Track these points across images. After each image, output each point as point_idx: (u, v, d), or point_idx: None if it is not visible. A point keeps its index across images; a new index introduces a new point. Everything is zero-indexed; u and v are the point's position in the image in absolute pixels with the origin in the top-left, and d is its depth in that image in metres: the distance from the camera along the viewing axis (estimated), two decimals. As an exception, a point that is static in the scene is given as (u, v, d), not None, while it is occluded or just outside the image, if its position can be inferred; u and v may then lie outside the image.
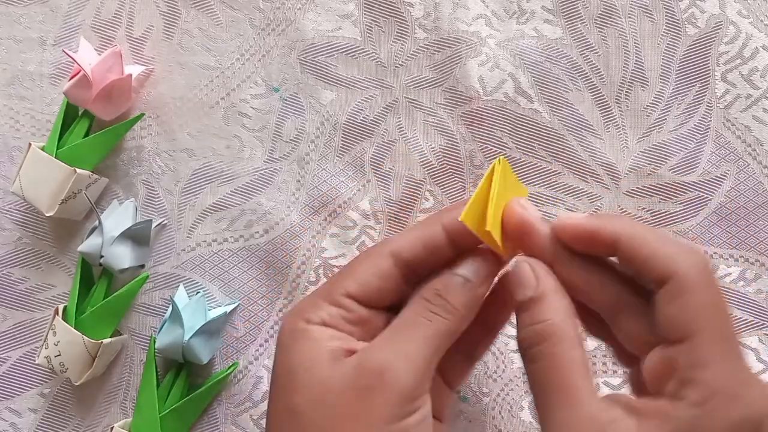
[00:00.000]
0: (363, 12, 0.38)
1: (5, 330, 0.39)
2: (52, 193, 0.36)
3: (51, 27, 0.39)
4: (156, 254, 0.39)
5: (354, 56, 0.38)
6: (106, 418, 0.38)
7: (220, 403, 0.38)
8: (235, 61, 0.39)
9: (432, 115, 0.38)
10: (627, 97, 0.37)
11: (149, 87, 0.39)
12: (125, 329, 0.39)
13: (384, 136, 0.38)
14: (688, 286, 0.24)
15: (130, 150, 0.39)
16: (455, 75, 0.38)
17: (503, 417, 0.37)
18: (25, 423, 0.39)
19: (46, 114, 0.39)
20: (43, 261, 0.39)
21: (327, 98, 0.38)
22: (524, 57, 0.38)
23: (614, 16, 0.37)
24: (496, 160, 0.28)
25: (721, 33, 0.37)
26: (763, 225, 0.37)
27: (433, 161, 0.38)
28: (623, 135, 0.37)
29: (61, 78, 0.39)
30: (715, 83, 0.37)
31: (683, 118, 0.37)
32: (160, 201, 0.39)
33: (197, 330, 0.36)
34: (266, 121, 0.38)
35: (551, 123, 0.37)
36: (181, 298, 0.37)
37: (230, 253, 0.38)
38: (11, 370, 0.39)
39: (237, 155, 0.38)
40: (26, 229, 0.39)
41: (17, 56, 0.39)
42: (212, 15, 0.39)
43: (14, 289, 0.39)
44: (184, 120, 0.39)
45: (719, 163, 0.37)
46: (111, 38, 0.39)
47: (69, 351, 0.36)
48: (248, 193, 0.38)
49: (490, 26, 0.38)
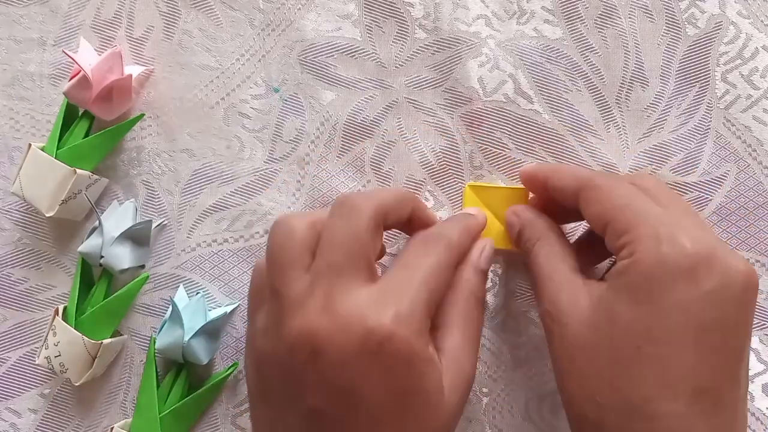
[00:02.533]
0: (363, 12, 0.38)
1: (5, 330, 0.39)
2: (52, 193, 0.36)
3: (51, 27, 0.39)
4: (156, 255, 0.39)
5: (354, 56, 0.38)
6: (106, 419, 0.38)
7: (220, 404, 0.38)
8: (235, 61, 0.39)
9: (432, 116, 0.38)
10: (627, 97, 0.37)
11: (149, 87, 0.39)
12: (125, 330, 0.39)
13: (384, 137, 0.38)
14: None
15: (130, 150, 0.39)
16: (455, 75, 0.38)
17: (503, 417, 0.37)
18: (25, 423, 0.39)
19: (46, 114, 0.39)
20: (43, 261, 0.39)
21: (327, 98, 0.38)
22: (524, 57, 0.38)
23: (614, 17, 0.37)
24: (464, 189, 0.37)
25: (721, 33, 0.37)
26: (763, 225, 0.37)
27: (433, 162, 0.38)
28: (623, 135, 0.37)
29: (61, 78, 0.39)
30: (715, 83, 0.37)
31: (683, 119, 0.37)
32: (160, 201, 0.39)
33: (197, 330, 0.36)
34: (266, 122, 0.38)
35: (551, 124, 0.37)
36: (181, 299, 0.38)
37: (230, 254, 0.38)
38: (11, 370, 0.39)
39: (237, 155, 0.38)
40: (26, 229, 0.39)
41: (17, 57, 0.39)
42: (212, 15, 0.39)
43: (14, 289, 0.39)
44: (184, 120, 0.39)
45: (719, 164, 0.37)
46: (111, 38, 0.39)
47: (69, 351, 0.36)
48: (248, 193, 0.38)
49: (490, 27, 0.38)
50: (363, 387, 0.27)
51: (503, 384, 0.37)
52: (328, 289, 0.27)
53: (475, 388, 0.37)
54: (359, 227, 0.29)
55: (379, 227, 0.30)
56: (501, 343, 0.37)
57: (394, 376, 0.27)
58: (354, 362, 0.27)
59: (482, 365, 0.37)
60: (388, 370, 0.27)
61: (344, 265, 0.28)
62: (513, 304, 0.37)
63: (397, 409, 0.27)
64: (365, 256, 0.29)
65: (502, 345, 0.37)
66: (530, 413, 0.37)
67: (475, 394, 0.37)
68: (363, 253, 0.29)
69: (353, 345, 0.27)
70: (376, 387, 0.27)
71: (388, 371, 0.27)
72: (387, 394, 0.27)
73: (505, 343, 0.37)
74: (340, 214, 0.29)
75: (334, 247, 0.28)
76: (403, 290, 0.28)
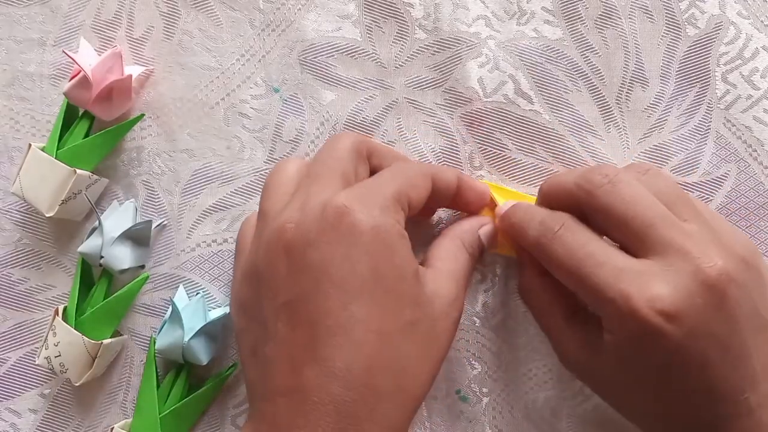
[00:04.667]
0: (363, 12, 0.38)
1: (5, 330, 0.39)
2: (52, 193, 0.36)
3: (51, 28, 0.39)
4: (156, 255, 0.39)
5: (354, 57, 0.38)
6: (106, 419, 0.38)
7: (220, 404, 0.38)
8: (235, 61, 0.39)
9: (432, 116, 0.38)
10: (627, 97, 0.37)
11: (149, 87, 0.39)
12: (125, 330, 0.39)
13: (384, 137, 0.38)
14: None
15: (130, 150, 0.39)
16: (455, 76, 0.38)
17: (503, 417, 0.37)
18: (25, 423, 0.39)
19: (46, 115, 0.39)
20: (43, 261, 0.39)
21: (327, 99, 0.38)
22: (524, 58, 0.37)
23: (614, 17, 0.37)
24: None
25: (721, 34, 0.37)
26: (764, 225, 0.37)
27: (432, 162, 0.38)
28: (624, 136, 0.37)
29: (62, 79, 0.39)
30: (716, 84, 0.37)
31: (684, 119, 0.37)
32: (160, 201, 0.39)
33: (197, 331, 0.36)
34: (266, 122, 0.38)
35: (551, 124, 0.37)
36: (181, 299, 0.37)
37: (230, 254, 0.38)
38: (11, 370, 0.39)
39: (237, 156, 0.38)
40: (26, 229, 0.39)
41: (17, 57, 0.39)
42: (212, 15, 0.39)
43: (14, 289, 0.39)
44: (184, 120, 0.39)
45: (720, 164, 0.37)
46: (111, 39, 0.39)
47: (69, 351, 0.36)
48: (248, 193, 0.38)
49: (490, 27, 0.38)
50: (329, 263, 0.28)
51: (503, 384, 0.37)
52: (305, 196, 0.29)
53: (476, 388, 0.37)
54: (339, 148, 0.31)
55: (361, 155, 0.32)
56: (501, 343, 0.37)
57: (359, 249, 0.28)
58: (318, 240, 0.28)
59: (482, 365, 0.37)
60: (351, 243, 0.28)
61: (321, 173, 0.30)
62: (513, 304, 0.37)
63: (368, 283, 0.28)
64: (342, 169, 0.31)
65: (502, 345, 0.37)
66: (530, 413, 0.37)
67: (476, 394, 0.37)
68: (340, 166, 0.31)
69: (316, 224, 0.28)
70: (342, 261, 0.28)
71: (352, 244, 0.28)
72: (354, 267, 0.27)
73: (505, 343, 0.37)
74: (325, 143, 0.33)
75: (315, 162, 0.31)
76: (370, 184, 0.30)
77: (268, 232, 0.30)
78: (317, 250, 0.28)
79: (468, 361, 0.37)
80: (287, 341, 0.28)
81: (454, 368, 0.37)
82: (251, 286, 0.30)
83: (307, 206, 0.29)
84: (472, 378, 0.37)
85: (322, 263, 0.28)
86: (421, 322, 0.29)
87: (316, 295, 0.27)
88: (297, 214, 0.29)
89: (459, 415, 0.37)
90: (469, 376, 0.37)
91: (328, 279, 0.27)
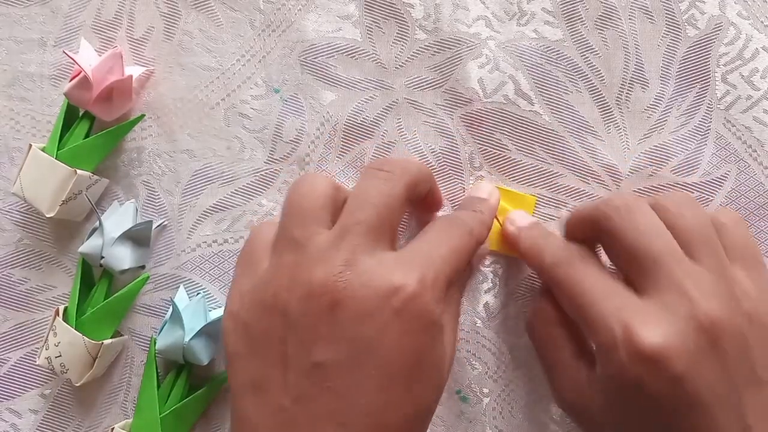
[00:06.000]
0: (363, 13, 0.38)
1: (6, 331, 0.39)
2: (53, 194, 0.36)
3: (51, 28, 0.39)
4: (156, 255, 0.39)
5: (354, 57, 0.38)
6: (107, 419, 0.38)
7: (220, 404, 0.38)
8: (235, 62, 0.39)
9: (432, 117, 0.38)
10: (627, 98, 0.37)
11: (150, 88, 0.39)
12: (126, 330, 0.39)
13: (384, 137, 0.38)
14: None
15: (130, 151, 0.39)
16: (455, 76, 0.38)
17: (503, 417, 0.37)
18: (25, 424, 0.39)
19: (46, 115, 0.39)
20: (44, 262, 0.39)
21: (327, 99, 0.38)
22: (524, 59, 0.38)
23: (614, 18, 0.37)
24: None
25: (721, 34, 0.37)
26: (764, 226, 0.37)
27: (432, 162, 0.38)
28: (624, 136, 0.37)
29: (62, 79, 0.39)
30: (716, 84, 0.37)
31: (684, 120, 0.37)
32: (160, 202, 0.39)
33: (198, 331, 0.36)
34: (266, 122, 0.38)
35: (551, 125, 0.37)
36: (182, 299, 0.38)
37: (231, 254, 0.38)
38: (12, 370, 0.39)
39: (237, 156, 0.38)
40: (27, 230, 0.39)
41: (18, 57, 0.39)
42: (213, 16, 0.39)
43: (15, 290, 0.39)
44: (184, 121, 0.39)
45: (720, 164, 0.37)
46: (111, 39, 0.39)
47: (69, 352, 0.36)
48: (249, 194, 0.38)
49: (490, 28, 0.38)
50: (380, 342, 0.26)
51: (503, 384, 0.37)
52: (354, 247, 0.27)
53: (476, 388, 0.37)
54: (395, 193, 0.29)
55: (410, 199, 0.30)
56: (501, 343, 0.37)
57: (413, 336, 0.27)
58: (375, 317, 0.26)
59: (482, 365, 0.37)
60: (407, 329, 0.27)
61: (374, 225, 0.28)
62: (513, 304, 0.37)
63: (408, 369, 0.27)
64: (393, 222, 0.29)
65: (502, 345, 0.37)
66: (530, 414, 0.37)
67: (476, 395, 0.37)
68: (392, 218, 0.29)
69: (376, 300, 0.26)
70: (392, 344, 0.27)
71: (407, 331, 0.27)
72: (402, 353, 0.27)
73: (505, 344, 0.37)
74: (377, 176, 0.30)
75: (366, 206, 0.28)
76: (428, 260, 0.28)
77: (310, 277, 0.27)
78: (372, 325, 0.26)
79: (468, 362, 0.37)
80: (312, 402, 0.27)
81: (454, 368, 0.37)
82: (270, 318, 0.28)
83: (359, 268, 0.27)
84: (473, 378, 0.37)
85: (373, 339, 0.26)
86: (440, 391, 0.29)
87: (356, 369, 0.26)
88: (349, 274, 0.27)
89: (459, 415, 0.37)
90: (469, 377, 0.37)
91: (373, 358, 0.26)
